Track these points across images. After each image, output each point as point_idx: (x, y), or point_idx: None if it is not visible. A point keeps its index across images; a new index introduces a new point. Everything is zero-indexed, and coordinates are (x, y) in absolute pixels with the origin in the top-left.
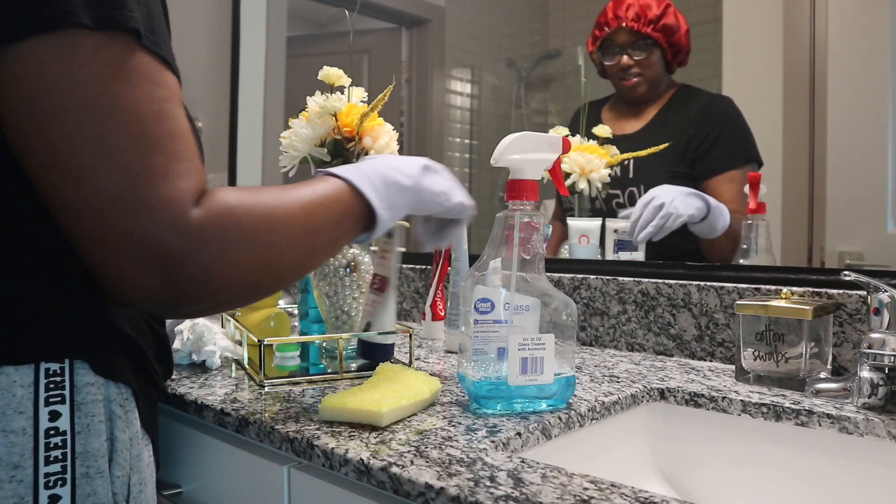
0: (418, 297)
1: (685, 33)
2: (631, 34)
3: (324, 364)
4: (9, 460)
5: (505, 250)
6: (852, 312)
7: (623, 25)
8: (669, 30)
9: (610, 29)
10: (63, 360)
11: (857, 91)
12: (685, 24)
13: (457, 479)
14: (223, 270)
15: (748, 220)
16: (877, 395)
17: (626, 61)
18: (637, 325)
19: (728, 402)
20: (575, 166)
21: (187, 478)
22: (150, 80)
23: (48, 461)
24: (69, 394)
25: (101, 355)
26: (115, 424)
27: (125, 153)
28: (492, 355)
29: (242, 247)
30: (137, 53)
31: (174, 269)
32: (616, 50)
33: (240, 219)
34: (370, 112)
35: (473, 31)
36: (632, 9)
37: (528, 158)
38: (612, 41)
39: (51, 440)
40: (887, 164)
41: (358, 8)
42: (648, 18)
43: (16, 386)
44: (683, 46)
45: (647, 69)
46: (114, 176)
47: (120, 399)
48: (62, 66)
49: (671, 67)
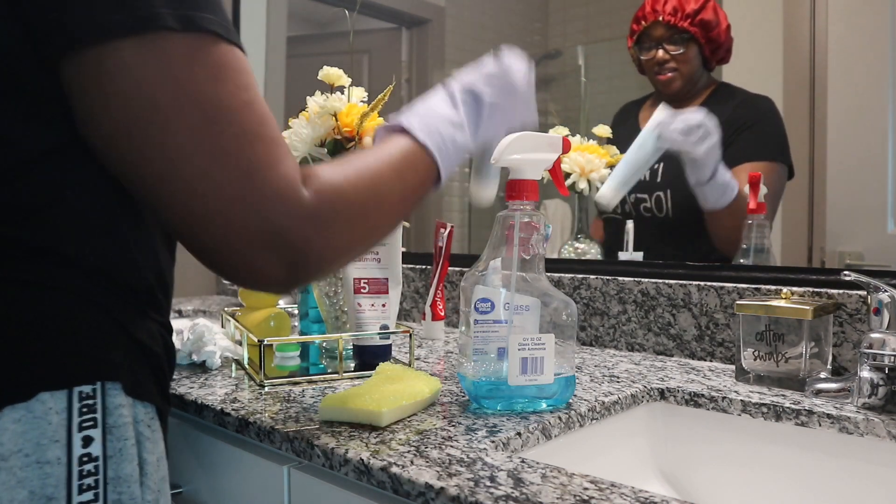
0: (418, 297)
1: (725, 29)
2: (667, 28)
3: (324, 364)
4: (42, 492)
5: (505, 250)
6: (852, 312)
7: (660, 19)
8: (707, 25)
9: (647, 23)
10: (95, 382)
11: (857, 91)
12: (725, 20)
13: (457, 479)
14: (341, 248)
15: (748, 220)
16: (877, 395)
17: (662, 56)
18: (637, 325)
19: (728, 402)
20: (575, 166)
21: (187, 478)
22: (235, 70)
23: (81, 489)
24: (101, 417)
25: (132, 374)
26: (143, 446)
27: (235, 152)
28: (492, 355)
29: (356, 224)
30: (221, 47)
31: (300, 253)
32: (652, 44)
33: (349, 198)
34: (370, 112)
35: (473, 31)
36: (669, 3)
37: (528, 158)
38: (649, 35)
39: (84, 467)
40: (887, 165)
41: (358, 8)
42: (686, 13)
43: (51, 413)
44: (723, 43)
45: (684, 64)
46: (230, 176)
47: (147, 419)
48: (160, 73)
49: (710, 64)
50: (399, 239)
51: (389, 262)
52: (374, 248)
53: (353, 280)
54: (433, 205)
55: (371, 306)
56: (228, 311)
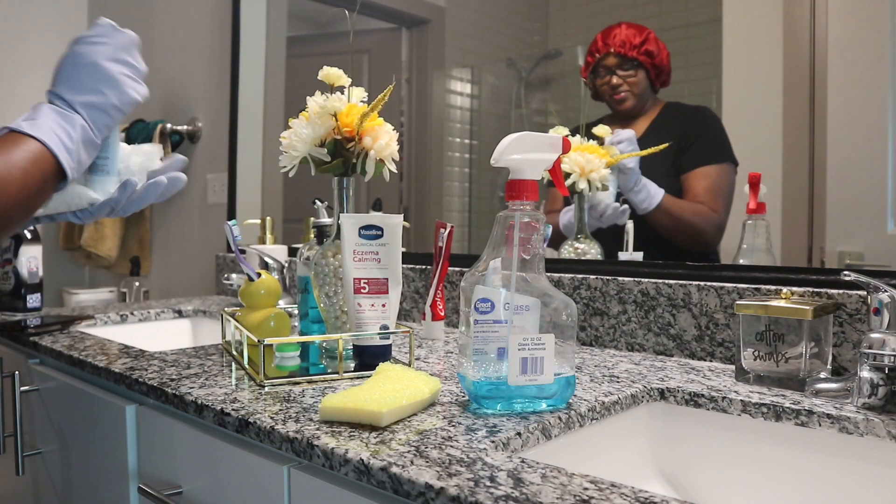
0: (418, 297)
1: (666, 57)
2: (618, 57)
3: (324, 364)
4: None
5: (505, 250)
6: (852, 312)
7: (612, 51)
8: (651, 53)
9: (600, 55)
10: None
11: (857, 91)
12: (665, 50)
13: (457, 479)
14: None
15: (748, 219)
16: (877, 395)
17: (616, 81)
18: (637, 325)
19: (728, 402)
20: (575, 166)
21: (187, 478)
22: None
23: None
24: None
25: None
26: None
27: None
28: (492, 355)
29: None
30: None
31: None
32: (606, 72)
33: None
34: (370, 112)
35: (473, 31)
36: (618, 37)
37: (528, 158)
38: (603, 65)
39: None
40: (887, 164)
41: (358, 8)
42: (633, 44)
43: None
44: (664, 67)
45: (635, 86)
46: None
47: None
48: None
49: (655, 86)
50: (399, 239)
51: (389, 262)
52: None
53: (353, 280)
54: (433, 205)
55: (371, 306)
56: (228, 311)
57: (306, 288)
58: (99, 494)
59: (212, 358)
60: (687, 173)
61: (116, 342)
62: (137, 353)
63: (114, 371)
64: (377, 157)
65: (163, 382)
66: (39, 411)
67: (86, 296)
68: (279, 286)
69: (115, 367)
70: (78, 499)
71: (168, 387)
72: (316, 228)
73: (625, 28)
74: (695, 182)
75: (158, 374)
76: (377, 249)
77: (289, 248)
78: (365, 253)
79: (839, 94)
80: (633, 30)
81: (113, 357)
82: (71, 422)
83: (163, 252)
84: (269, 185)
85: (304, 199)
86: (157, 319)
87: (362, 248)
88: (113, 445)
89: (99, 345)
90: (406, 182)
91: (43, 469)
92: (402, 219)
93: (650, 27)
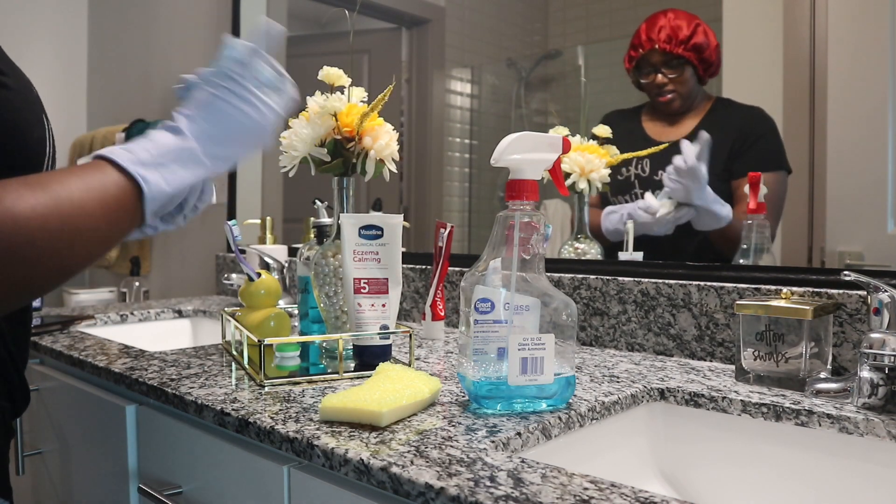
0: (418, 297)
1: (715, 48)
2: (664, 55)
3: (324, 364)
4: None
5: (505, 250)
6: (852, 312)
7: (656, 47)
8: (700, 48)
9: (644, 50)
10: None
11: (857, 91)
12: (715, 40)
13: (457, 479)
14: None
15: (748, 219)
16: (877, 395)
17: (661, 79)
18: (637, 325)
19: (728, 402)
20: (575, 166)
21: (187, 478)
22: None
23: None
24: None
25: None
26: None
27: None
28: (492, 355)
29: (32, 265)
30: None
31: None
32: (650, 69)
33: (32, 235)
34: (370, 112)
35: (473, 31)
36: (664, 31)
37: (528, 158)
38: (647, 61)
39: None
40: (887, 164)
41: (358, 8)
42: (679, 39)
43: None
44: (714, 61)
45: (681, 85)
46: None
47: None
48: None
49: (703, 81)
50: (399, 239)
51: (389, 262)
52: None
53: (353, 280)
54: (433, 205)
55: (371, 306)
56: (228, 311)
57: (306, 288)
58: (99, 494)
59: (212, 358)
60: (739, 180)
61: (116, 342)
62: (137, 353)
63: (114, 371)
64: (377, 157)
65: (163, 382)
66: (39, 411)
67: (86, 296)
68: (279, 286)
69: (115, 367)
70: (78, 499)
71: (168, 387)
72: (316, 228)
73: (672, 17)
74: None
75: (158, 374)
76: (377, 249)
77: (289, 248)
78: (365, 253)
79: (839, 93)
80: (680, 20)
81: (113, 357)
82: (71, 422)
83: (163, 252)
84: (269, 185)
85: (304, 199)
86: (157, 319)
87: (362, 248)
88: (113, 445)
89: (99, 345)
90: (406, 182)
91: (43, 469)
92: (402, 219)
93: None
